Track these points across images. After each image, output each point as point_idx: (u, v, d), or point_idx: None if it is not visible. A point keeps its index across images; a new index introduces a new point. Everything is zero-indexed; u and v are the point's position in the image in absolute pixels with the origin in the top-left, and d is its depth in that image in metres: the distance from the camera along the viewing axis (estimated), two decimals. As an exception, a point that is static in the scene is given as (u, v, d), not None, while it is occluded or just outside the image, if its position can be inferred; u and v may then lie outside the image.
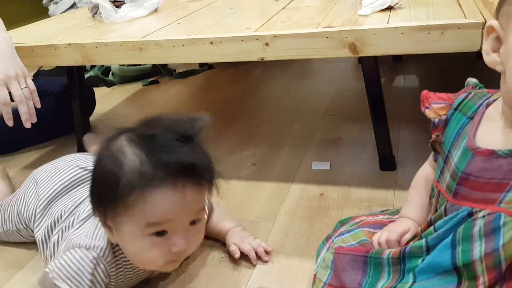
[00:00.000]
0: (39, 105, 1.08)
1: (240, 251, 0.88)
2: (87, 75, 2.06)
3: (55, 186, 0.90)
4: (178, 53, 1.01)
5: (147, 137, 0.67)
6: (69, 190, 0.89)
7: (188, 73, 2.07)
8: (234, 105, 1.71)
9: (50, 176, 0.92)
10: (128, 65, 2.04)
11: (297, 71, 1.98)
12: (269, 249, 0.89)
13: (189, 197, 0.68)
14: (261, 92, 1.81)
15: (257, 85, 1.87)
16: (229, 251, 0.89)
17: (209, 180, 0.71)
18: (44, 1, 2.61)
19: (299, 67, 2.02)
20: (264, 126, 1.48)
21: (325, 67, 1.99)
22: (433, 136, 0.74)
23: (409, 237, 0.75)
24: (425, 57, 1.05)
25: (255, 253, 0.88)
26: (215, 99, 1.78)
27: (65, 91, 1.51)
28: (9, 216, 0.95)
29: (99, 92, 1.95)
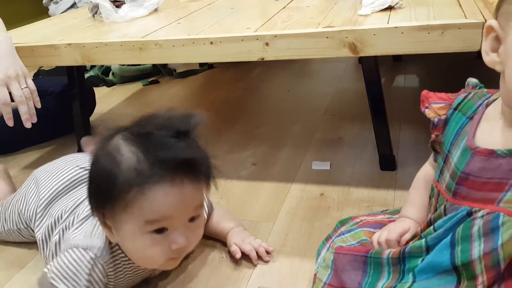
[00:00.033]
0: (39, 105, 1.08)
1: (241, 251, 0.88)
2: (87, 75, 2.06)
3: (55, 186, 0.90)
4: (178, 53, 1.01)
5: (143, 135, 0.67)
6: (70, 190, 0.90)
7: (188, 73, 2.07)
8: (234, 105, 1.71)
9: (50, 176, 0.92)
10: (128, 65, 2.04)
11: (297, 71, 1.98)
12: (270, 249, 0.89)
13: (188, 193, 0.68)
14: (261, 92, 1.81)
15: (257, 85, 1.87)
16: (230, 251, 0.89)
17: (207, 175, 0.71)
18: (44, 1, 2.61)
19: (299, 67, 2.02)
20: (264, 126, 1.48)
21: (325, 67, 1.99)
22: (433, 136, 0.74)
23: (408, 237, 0.75)
24: (425, 57, 1.05)
25: (256, 253, 0.88)
26: (215, 99, 1.78)
27: (65, 91, 1.51)
28: (10, 215, 0.95)
29: (99, 92, 1.94)
